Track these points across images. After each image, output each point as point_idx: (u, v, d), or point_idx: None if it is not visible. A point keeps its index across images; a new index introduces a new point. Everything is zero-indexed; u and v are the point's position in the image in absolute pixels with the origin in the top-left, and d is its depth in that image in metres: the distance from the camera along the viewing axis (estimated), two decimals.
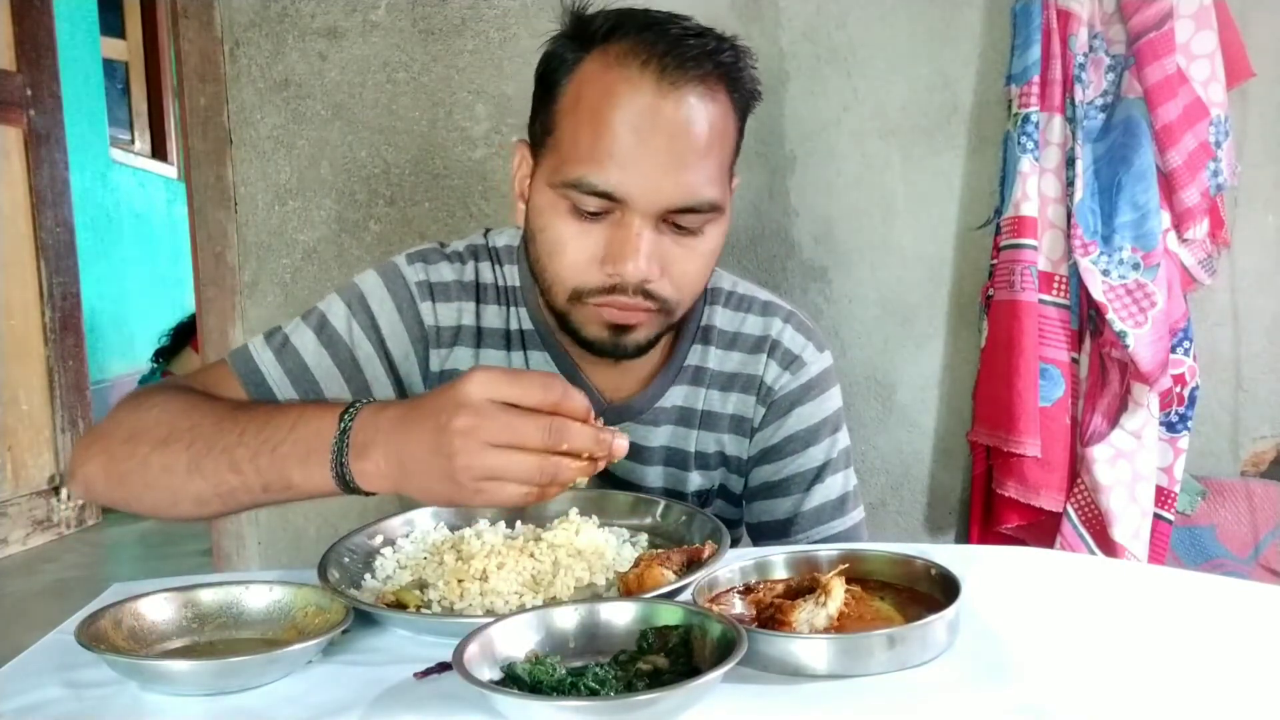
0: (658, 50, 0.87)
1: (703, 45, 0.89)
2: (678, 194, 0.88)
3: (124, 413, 0.90)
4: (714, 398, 1.07)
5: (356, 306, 1.02)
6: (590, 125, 0.88)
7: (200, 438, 0.83)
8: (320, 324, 1.01)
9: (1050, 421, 1.62)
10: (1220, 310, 1.75)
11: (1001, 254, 1.65)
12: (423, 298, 1.03)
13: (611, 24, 0.90)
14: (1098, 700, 0.62)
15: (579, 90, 0.90)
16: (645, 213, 0.88)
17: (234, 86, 1.73)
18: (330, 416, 0.79)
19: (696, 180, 0.89)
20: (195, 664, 0.67)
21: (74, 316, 3.47)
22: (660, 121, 0.87)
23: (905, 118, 1.74)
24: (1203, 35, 1.59)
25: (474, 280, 1.06)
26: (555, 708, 0.58)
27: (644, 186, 0.87)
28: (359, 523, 0.96)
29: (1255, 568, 1.69)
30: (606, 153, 0.87)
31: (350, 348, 1.01)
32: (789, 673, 0.65)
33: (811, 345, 1.08)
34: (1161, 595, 0.82)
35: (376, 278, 1.04)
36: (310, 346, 1.00)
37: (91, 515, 3.56)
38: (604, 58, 0.89)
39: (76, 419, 3.46)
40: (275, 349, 0.99)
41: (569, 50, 0.92)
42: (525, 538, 0.89)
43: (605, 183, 0.87)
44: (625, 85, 0.87)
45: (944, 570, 0.74)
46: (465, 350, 1.05)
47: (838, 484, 1.09)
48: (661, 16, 0.91)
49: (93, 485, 0.88)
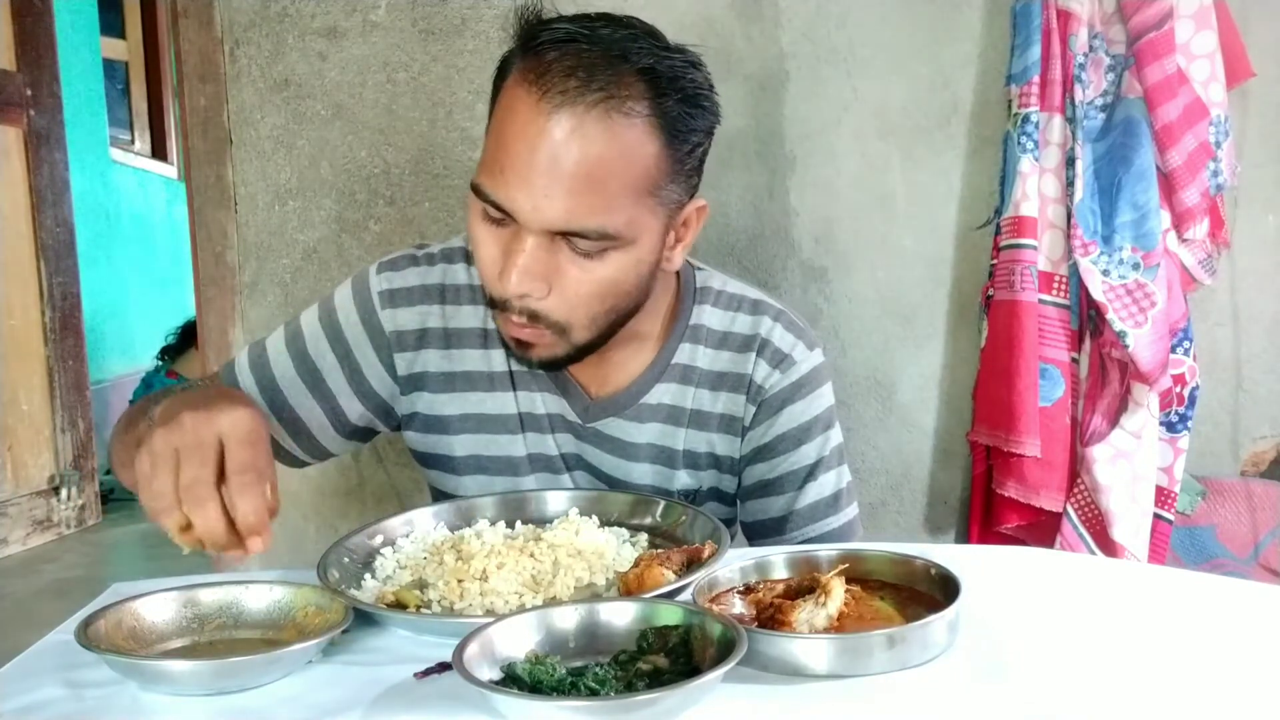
0: (548, 71, 0.86)
1: (590, 75, 0.85)
2: (557, 218, 0.86)
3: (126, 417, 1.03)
4: (703, 397, 1.07)
5: (325, 320, 1.07)
6: (494, 136, 0.90)
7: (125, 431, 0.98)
8: (293, 335, 1.08)
9: (1050, 421, 1.62)
10: (1220, 310, 1.75)
11: (1001, 254, 1.65)
12: (383, 305, 1.06)
13: (533, 35, 0.89)
14: (1098, 700, 0.62)
15: (498, 98, 0.91)
16: (530, 229, 0.88)
17: (234, 86, 1.73)
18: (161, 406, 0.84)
19: (578, 207, 0.86)
20: (195, 664, 0.67)
21: (74, 316, 3.47)
22: (541, 144, 0.85)
23: (905, 118, 1.74)
24: (1203, 35, 1.59)
25: (439, 283, 1.07)
26: (555, 708, 0.58)
27: (523, 204, 0.87)
28: (359, 523, 0.96)
29: (1255, 568, 1.69)
30: (498, 165, 0.88)
31: (314, 359, 1.06)
32: (789, 673, 0.65)
33: (801, 344, 1.08)
34: (1161, 595, 0.82)
35: (348, 289, 1.09)
36: (280, 358, 1.06)
37: (91, 515, 3.56)
38: (518, 72, 0.89)
39: (76, 419, 3.46)
40: (252, 360, 1.07)
41: (511, 56, 0.92)
42: (525, 538, 0.89)
43: (494, 194, 0.88)
44: (518, 102, 0.87)
45: (944, 570, 0.74)
46: (433, 352, 1.07)
47: (831, 481, 1.09)
48: (583, 31, 0.87)
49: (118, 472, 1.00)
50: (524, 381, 1.07)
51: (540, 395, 1.07)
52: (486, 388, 1.07)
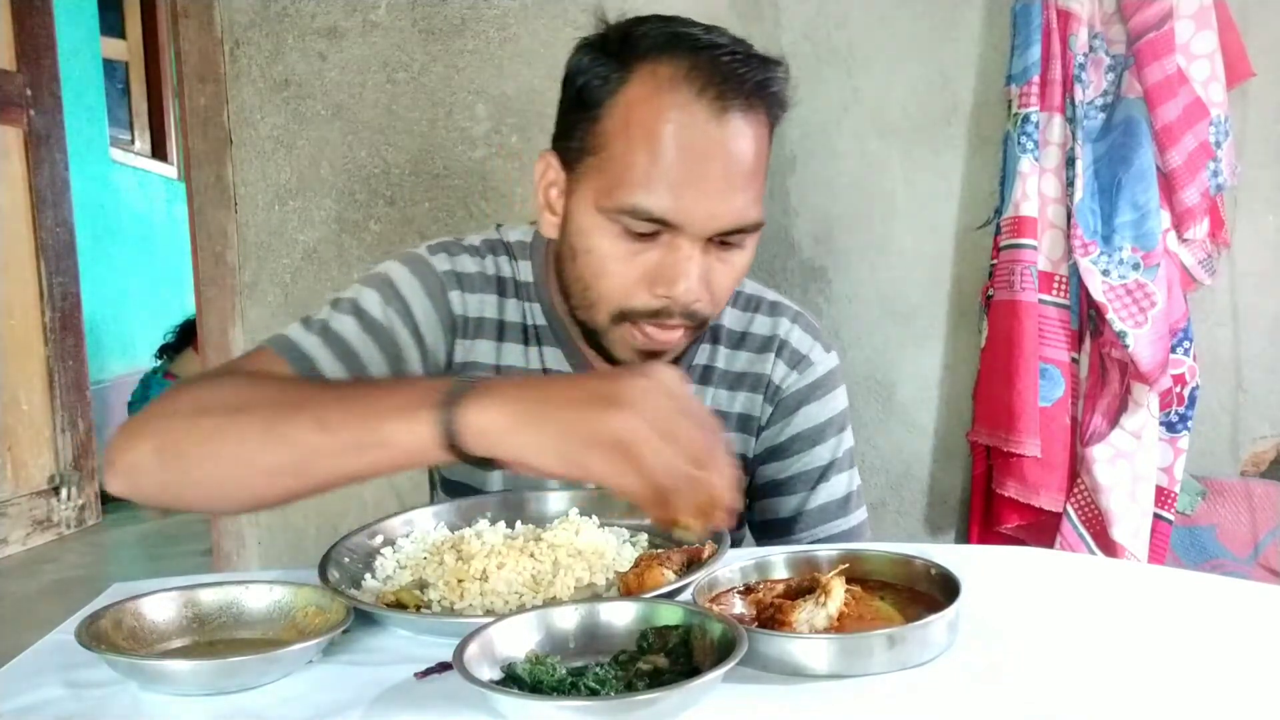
0: (714, 77, 0.86)
1: (753, 71, 0.88)
2: (730, 218, 0.89)
3: (178, 397, 0.84)
4: (721, 397, 1.08)
5: (389, 293, 1.00)
6: (645, 150, 0.87)
7: (284, 403, 0.78)
8: (356, 311, 0.98)
9: (1050, 421, 1.62)
10: (1220, 310, 1.75)
11: (1001, 254, 1.65)
12: (451, 286, 1.03)
13: (659, 43, 0.89)
14: (1098, 700, 0.62)
15: (628, 112, 0.88)
16: (697, 236, 0.89)
17: (234, 86, 1.74)
18: (438, 380, 0.76)
19: (746, 203, 0.89)
20: (195, 664, 0.67)
21: (74, 316, 3.47)
22: (715, 149, 0.87)
23: (905, 118, 1.74)
24: (1203, 35, 1.59)
25: (496, 274, 1.06)
26: (555, 708, 0.58)
27: (699, 213, 0.87)
28: (359, 523, 0.95)
29: (1255, 568, 1.69)
30: (662, 179, 0.87)
31: (390, 333, 0.98)
32: (789, 673, 0.65)
33: (819, 345, 1.10)
34: (1161, 595, 0.82)
35: (402, 267, 1.02)
36: (353, 332, 0.97)
37: (91, 515, 3.56)
38: (654, 79, 0.87)
39: (76, 419, 3.46)
40: (318, 334, 0.96)
41: (608, 66, 0.90)
42: (525, 538, 0.89)
43: (661, 209, 0.87)
44: (680, 111, 0.86)
45: (944, 570, 0.74)
46: (487, 343, 1.05)
47: (842, 483, 1.09)
48: (707, 38, 0.90)
49: (140, 471, 0.79)
50: None
51: None
52: None
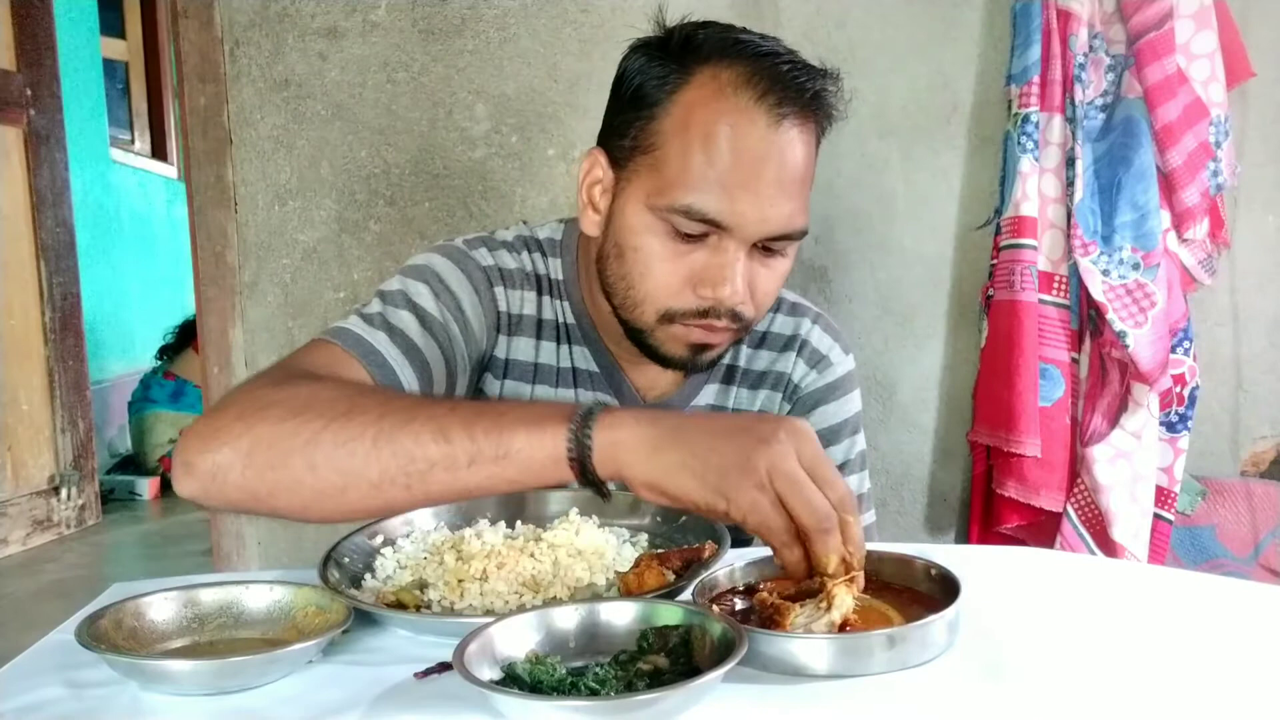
0: (774, 84, 0.87)
1: (812, 80, 0.90)
2: (779, 224, 0.89)
3: (258, 396, 0.77)
4: (743, 396, 1.09)
5: (438, 286, 0.98)
6: (702, 152, 0.87)
7: (397, 410, 0.74)
8: (411, 305, 0.95)
9: (1050, 421, 1.62)
10: (1220, 310, 1.75)
11: (1001, 254, 1.65)
12: (495, 282, 1.03)
13: (721, 47, 0.90)
14: (1098, 700, 0.62)
15: (686, 113, 0.89)
16: (744, 240, 0.89)
17: (234, 86, 1.74)
18: (567, 404, 0.74)
19: (794, 210, 0.90)
20: (195, 664, 0.67)
21: (74, 316, 3.47)
22: (770, 154, 0.87)
23: (905, 118, 1.74)
24: (1203, 35, 1.59)
25: (533, 271, 1.06)
26: (555, 708, 0.58)
27: (750, 217, 0.88)
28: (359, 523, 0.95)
29: (1255, 568, 1.69)
30: (718, 181, 0.87)
31: (445, 327, 0.96)
32: (789, 673, 0.65)
33: (839, 346, 1.11)
34: (1161, 595, 0.82)
35: (445, 260, 1.00)
36: (414, 328, 0.94)
37: (91, 515, 3.56)
38: (714, 82, 0.88)
39: (76, 419, 3.46)
40: (383, 329, 0.92)
41: (668, 67, 0.91)
42: (525, 538, 0.89)
43: (714, 210, 0.87)
44: (740, 115, 0.87)
45: (944, 570, 0.74)
46: (526, 340, 1.05)
47: (853, 485, 1.10)
48: (767, 46, 0.92)
49: (225, 476, 0.74)
50: (584, 381, 1.07)
51: (596, 395, 1.07)
52: (552, 383, 1.07)
